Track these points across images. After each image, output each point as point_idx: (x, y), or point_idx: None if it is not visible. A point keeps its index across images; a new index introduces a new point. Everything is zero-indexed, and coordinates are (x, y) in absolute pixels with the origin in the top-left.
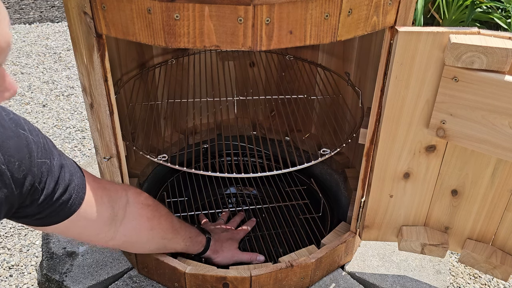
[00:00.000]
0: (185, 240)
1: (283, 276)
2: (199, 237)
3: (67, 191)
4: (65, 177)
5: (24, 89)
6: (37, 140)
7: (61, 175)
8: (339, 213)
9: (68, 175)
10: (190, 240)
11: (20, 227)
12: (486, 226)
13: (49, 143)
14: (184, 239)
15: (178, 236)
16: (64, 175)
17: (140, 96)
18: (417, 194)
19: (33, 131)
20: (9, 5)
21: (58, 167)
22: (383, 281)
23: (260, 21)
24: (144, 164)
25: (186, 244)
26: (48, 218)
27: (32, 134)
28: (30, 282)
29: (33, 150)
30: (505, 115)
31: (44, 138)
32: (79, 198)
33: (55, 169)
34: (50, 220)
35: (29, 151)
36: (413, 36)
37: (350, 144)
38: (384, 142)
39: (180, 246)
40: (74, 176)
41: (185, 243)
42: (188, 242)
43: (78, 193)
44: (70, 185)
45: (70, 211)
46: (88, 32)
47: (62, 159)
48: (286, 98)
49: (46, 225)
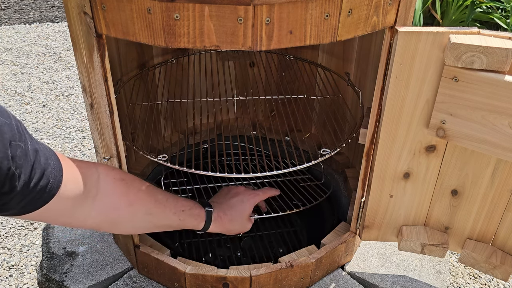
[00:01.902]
0: (177, 214)
1: (283, 276)
2: (195, 210)
3: (44, 175)
4: (40, 161)
5: (24, 89)
6: (10, 122)
7: (37, 159)
8: (339, 213)
9: (44, 159)
10: (184, 214)
11: (20, 227)
12: (486, 226)
13: (21, 126)
14: (174, 212)
15: (166, 210)
16: (40, 159)
17: (140, 96)
18: (417, 194)
19: (4, 113)
20: (9, 5)
21: (33, 151)
22: (383, 281)
23: (260, 21)
24: (144, 164)
25: (180, 218)
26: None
27: (3, 116)
28: (30, 282)
29: (5, 132)
30: (505, 115)
31: (16, 121)
32: (57, 182)
33: (30, 153)
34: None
35: (1, 134)
36: (413, 36)
37: (350, 144)
38: (384, 142)
39: (172, 221)
40: (49, 159)
41: (177, 217)
42: (181, 215)
43: (56, 177)
44: (47, 169)
45: (49, 196)
46: (88, 32)
47: (35, 144)
48: (286, 98)
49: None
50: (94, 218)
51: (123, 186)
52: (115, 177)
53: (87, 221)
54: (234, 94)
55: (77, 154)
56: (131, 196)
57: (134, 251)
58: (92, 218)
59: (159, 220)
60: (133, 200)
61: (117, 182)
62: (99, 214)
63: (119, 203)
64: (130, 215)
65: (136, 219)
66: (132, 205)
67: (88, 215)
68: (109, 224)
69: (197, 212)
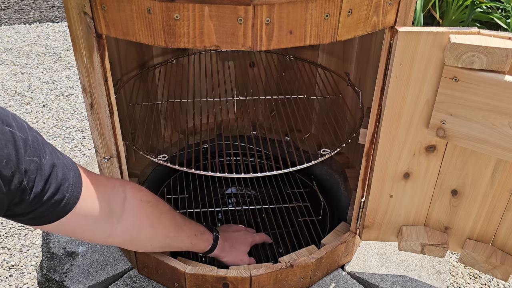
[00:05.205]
0: (190, 238)
1: (283, 276)
2: (205, 235)
3: (59, 191)
4: (57, 176)
5: (24, 89)
6: (26, 137)
7: (53, 174)
8: (339, 213)
9: (61, 174)
10: (196, 238)
11: (20, 227)
12: (486, 226)
13: (40, 141)
14: (188, 236)
15: (182, 234)
16: (57, 174)
17: (140, 96)
18: (417, 194)
19: (21, 128)
20: (9, 5)
21: (49, 166)
22: (383, 281)
23: (260, 21)
24: (144, 164)
25: (192, 242)
26: (41, 218)
27: (21, 131)
28: (30, 282)
29: (20, 147)
30: (505, 115)
31: (34, 136)
32: (73, 198)
33: (45, 168)
34: (44, 219)
35: (15, 148)
36: (413, 36)
37: (350, 144)
38: (384, 142)
39: (185, 244)
40: (68, 175)
41: (190, 240)
42: (193, 240)
43: (73, 193)
44: (63, 184)
45: (64, 211)
46: (88, 32)
47: (55, 158)
48: (286, 98)
49: (41, 224)
50: (116, 237)
51: (148, 208)
52: (142, 199)
53: (109, 238)
54: (234, 94)
55: (77, 154)
56: (155, 218)
57: (134, 251)
58: (115, 237)
59: (175, 243)
60: (156, 223)
61: (143, 204)
62: (122, 233)
63: (142, 224)
64: (150, 236)
65: (155, 240)
66: (154, 228)
67: (111, 233)
68: (128, 243)
69: (206, 237)
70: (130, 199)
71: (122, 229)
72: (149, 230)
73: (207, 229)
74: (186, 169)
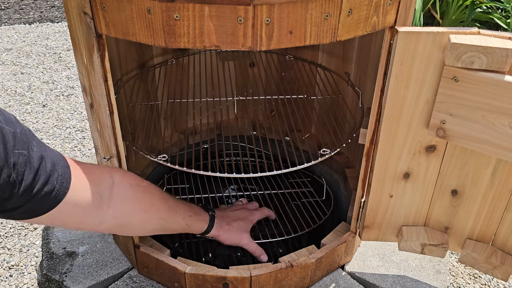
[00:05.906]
0: (185, 219)
1: (283, 276)
2: (201, 215)
3: (49, 182)
4: (46, 167)
5: (24, 89)
6: (14, 130)
7: (42, 166)
8: (339, 213)
9: (50, 165)
10: (191, 219)
11: (20, 227)
12: (486, 226)
13: (27, 133)
14: (183, 217)
15: (176, 215)
16: (45, 166)
17: (140, 96)
18: (417, 194)
19: (9, 122)
20: (9, 5)
21: (37, 158)
22: (383, 281)
23: (260, 21)
24: (144, 164)
25: (187, 223)
26: (32, 211)
27: (8, 124)
28: (30, 282)
29: (8, 140)
30: (505, 115)
31: (21, 129)
32: (63, 188)
33: (34, 160)
34: (35, 212)
35: (3, 142)
36: (413, 36)
37: (350, 144)
38: (384, 142)
39: (180, 225)
40: (57, 165)
41: (185, 221)
42: (189, 220)
43: (63, 183)
44: (52, 175)
45: (55, 201)
46: (88, 32)
47: (43, 150)
48: (286, 98)
49: (33, 217)
50: (108, 222)
51: (138, 192)
52: (131, 183)
53: (101, 225)
54: (234, 94)
55: (77, 154)
56: (146, 201)
57: (134, 251)
58: (106, 223)
59: (169, 225)
60: (148, 206)
61: (133, 187)
62: (113, 219)
63: (133, 209)
64: (143, 220)
65: (149, 223)
66: (146, 211)
67: (102, 220)
68: (122, 228)
69: (202, 218)
70: (119, 183)
71: (113, 215)
72: (142, 214)
73: (203, 209)
74: (186, 169)
